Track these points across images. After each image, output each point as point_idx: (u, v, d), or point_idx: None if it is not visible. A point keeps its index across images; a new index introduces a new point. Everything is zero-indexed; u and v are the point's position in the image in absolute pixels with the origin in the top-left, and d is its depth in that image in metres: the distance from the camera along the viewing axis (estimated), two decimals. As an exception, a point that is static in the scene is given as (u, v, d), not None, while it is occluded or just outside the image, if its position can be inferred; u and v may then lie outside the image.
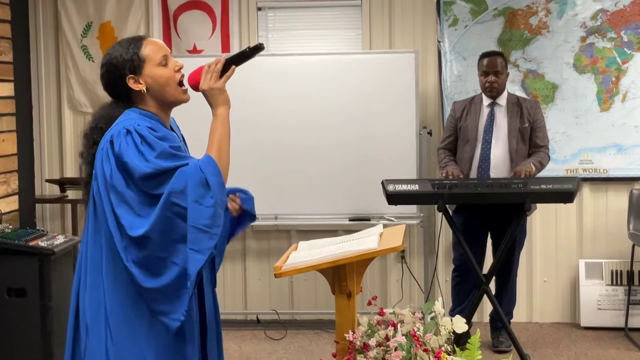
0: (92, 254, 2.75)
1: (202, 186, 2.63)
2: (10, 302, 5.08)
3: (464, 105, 5.55)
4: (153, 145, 2.66)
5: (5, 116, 6.22)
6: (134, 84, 2.79)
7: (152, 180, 2.64)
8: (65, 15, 6.54)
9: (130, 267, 2.64)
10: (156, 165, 2.63)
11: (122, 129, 2.68)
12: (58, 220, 6.71)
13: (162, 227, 2.62)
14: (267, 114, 5.98)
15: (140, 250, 2.64)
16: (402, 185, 4.95)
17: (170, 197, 2.61)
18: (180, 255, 2.64)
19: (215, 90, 2.79)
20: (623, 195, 6.09)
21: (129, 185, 2.66)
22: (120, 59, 2.79)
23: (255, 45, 2.85)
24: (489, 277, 5.15)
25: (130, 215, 2.64)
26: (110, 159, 2.67)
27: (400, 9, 6.31)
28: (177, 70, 2.85)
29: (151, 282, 2.64)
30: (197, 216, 2.61)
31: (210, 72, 2.80)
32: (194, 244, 2.61)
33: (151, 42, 2.84)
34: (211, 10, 6.44)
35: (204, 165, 2.66)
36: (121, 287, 2.69)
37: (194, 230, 2.60)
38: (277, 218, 6.13)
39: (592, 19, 6.04)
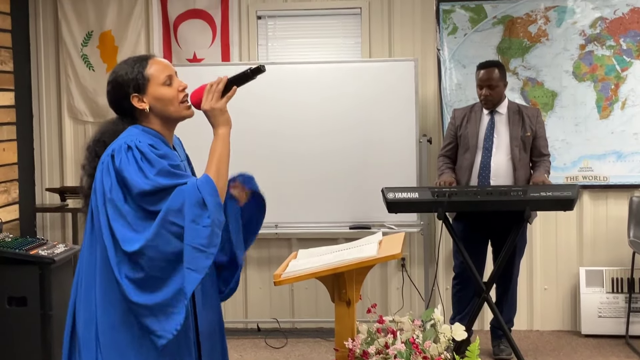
0: (87, 270, 2.76)
1: (199, 206, 2.64)
2: (11, 311, 5.09)
3: (464, 113, 5.56)
4: (153, 162, 2.68)
5: (6, 125, 6.24)
6: (138, 102, 2.82)
7: (150, 197, 2.65)
8: (65, 25, 6.56)
9: (123, 282, 2.64)
10: (155, 182, 2.65)
11: (123, 144, 2.71)
12: (58, 229, 6.71)
13: (157, 244, 2.63)
14: (268, 122, 5.99)
15: (134, 266, 2.64)
16: (402, 193, 4.95)
17: (167, 215, 2.63)
18: (174, 274, 2.65)
19: (216, 110, 2.80)
20: (623, 202, 6.09)
21: (127, 200, 2.67)
22: (125, 78, 2.84)
23: (256, 67, 2.87)
24: (489, 285, 5.15)
25: (126, 229, 2.66)
26: (111, 173, 2.69)
27: (400, 17, 6.33)
28: (181, 90, 2.87)
29: (142, 297, 2.64)
30: (194, 236, 2.62)
31: (212, 92, 2.81)
32: (191, 263, 2.62)
33: (156, 62, 2.87)
34: (211, 19, 6.46)
35: (201, 185, 2.67)
36: (112, 306, 2.70)
37: (191, 249, 2.62)
38: (277, 226, 6.13)
39: (591, 27, 6.05)
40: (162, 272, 2.64)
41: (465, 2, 6.16)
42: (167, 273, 2.65)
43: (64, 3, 6.54)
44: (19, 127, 6.44)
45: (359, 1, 6.36)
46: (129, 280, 2.65)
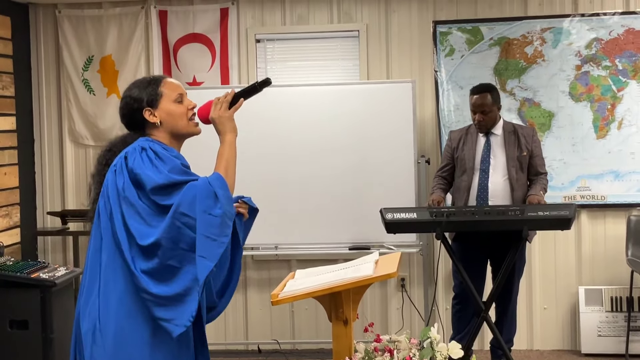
0: (90, 275, 2.82)
1: (211, 198, 2.76)
2: (13, 334, 5.11)
3: (460, 135, 5.59)
4: (166, 160, 2.83)
5: (7, 149, 6.28)
6: (150, 116, 2.97)
7: (163, 191, 2.77)
8: (66, 50, 6.62)
9: (140, 276, 2.73)
10: (168, 177, 2.77)
11: (137, 147, 2.86)
12: (60, 253, 6.74)
13: (171, 235, 2.73)
14: (267, 144, 6.02)
15: (150, 258, 2.74)
16: (400, 213, 4.97)
17: (179, 207, 2.74)
18: (188, 263, 2.74)
19: (224, 118, 2.98)
20: (621, 221, 6.12)
21: (140, 197, 2.79)
22: (140, 93, 3.00)
23: (263, 80, 3.04)
24: (488, 304, 5.15)
25: (141, 225, 2.76)
26: (124, 173, 2.81)
27: (397, 39, 6.39)
28: (190, 108, 3.04)
29: (160, 288, 2.73)
30: (206, 225, 2.73)
31: (220, 103, 3.00)
32: (203, 251, 2.72)
33: (170, 82, 3.05)
34: (210, 43, 6.51)
35: (212, 180, 2.81)
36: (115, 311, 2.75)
37: (203, 238, 2.72)
38: (277, 248, 6.16)
39: (587, 48, 6.10)
40: (176, 261, 2.74)
41: (461, 24, 6.22)
42: (181, 262, 2.74)
43: (64, 28, 6.61)
44: (21, 151, 6.49)
45: (356, 24, 6.42)
46: (145, 273, 2.74)
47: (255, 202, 6.05)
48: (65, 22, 6.61)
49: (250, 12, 6.51)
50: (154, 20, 6.54)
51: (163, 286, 2.73)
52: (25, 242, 6.50)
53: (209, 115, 2.99)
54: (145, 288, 2.72)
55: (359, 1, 6.41)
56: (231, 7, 6.49)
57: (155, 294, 2.72)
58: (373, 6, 6.40)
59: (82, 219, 6.38)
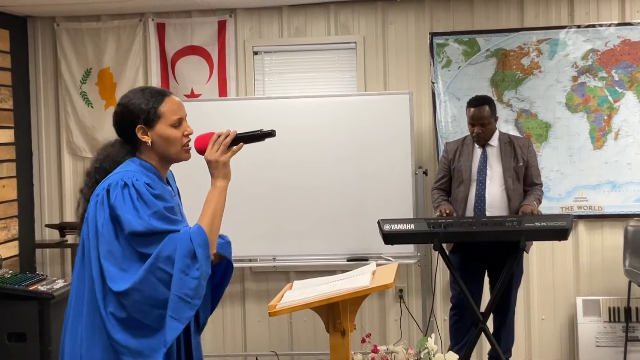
0: (75, 301, 2.78)
1: (190, 257, 2.66)
2: (11, 346, 5.11)
3: (456, 147, 5.60)
4: (148, 203, 2.70)
5: (6, 162, 6.29)
6: (142, 135, 2.84)
7: (142, 238, 2.67)
8: (64, 62, 6.64)
9: (107, 317, 2.66)
10: (148, 224, 2.67)
11: (120, 180, 2.73)
12: (58, 265, 6.74)
13: (144, 288, 2.65)
14: (265, 156, 6.02)
15: (119, 305, 2.66)
16: (398, 224, 4.98)
17: (157, 261, 2.65)
18: (156, 320, 2.67)
19: (219, 163, 2.85)
20: (618, 232, 6.13)
21: (118, 237, 2.69)
22: (138, 107, 2.85)
23: (268, 131, 2.96)
24: (486, 315, 5.17)
25: (115, 268, 2.67)
26: (105, 208, 2.71)
27: (394, 51, 6.41)
28: (186, 135, 2.89)
29: (123, 337, 2.66)
30: (182, 286, 2.64)
31: (218, 144, 2.86)
32: (175, 312, 2.64)
33: (172, 102, 2.90)
34: (208, 56, 6.53)
35: (194, 236, 2.70)
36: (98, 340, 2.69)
37: (177, 298, 2.64)
38: (275, 259, 6.17)
39: (583, 59, 6.12)
40: (145, 317, 2.66)
41: (458, 35, 6.25)
42: (150, 319, 2.66)
43: (62, 41, 6.63)
44: (19, 164, 6.49)
45: (354, 36, 6.44)
46: (113, 317, 2.66)
47: (252, 214, 6.08)
48: (63, 35, 6.63)
49: (247, 25, 6.54)
50: (152, 33, 6.56)
51: (128, 336, 2.66)
52: (23, 254, 6.50)
53: (206, 148, 2.87)
54: (109, 332, 2.66)
55: (356, 13, 6.44)
56: (229, 20, 6.51)
57: (117, 341, 2.66)
58: (370, 18, 6.43)
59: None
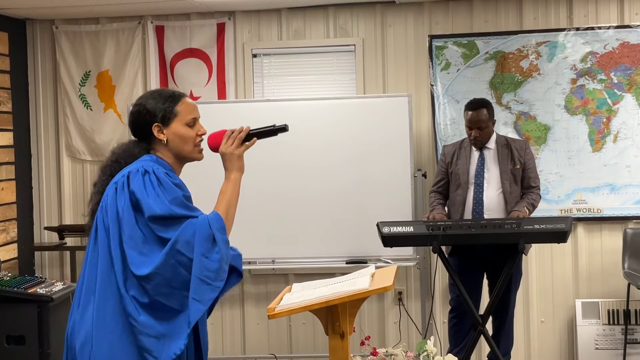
0: (87, 289, 2.79)
1: (209, 241, 2.72)
2: (10, 350, 5.10)
3: (453, 150, 5.60)
4: (168, 189, 2.76)
5: (5, 165, 6.29)
6: (158, 132, 2.91)
7: (162, 222, 2.72)
8: (63, 65, 6.64)
9: (128, 301, 2.69)
10: (169, 208, 2.72)
11: (140, 168, 2.80)
12: (57, 267, 6.74)
13: (164, 272, 2.68)
14: (264, 159, 6.01)
15: (141, 289, 2.69)
16: (397, 227, 4.98)
17: (176, 245, 2.69)
18: (178, 302, 2.70)
19: (234, 155, 2.95)
20: (617, 234, 6.13)
21: (137, 221, 2.74)
22: (155, 106, 2.92)
23: (282, 125, 3.06)
24: (485, 317, 5.16)
25: (135, 252, 2.71)
26: (125, 193, 2.76)
27: (393, 53, 6.41)
28: (200, 134, 2.97)
29: (147, 319, 2.69)
30: (203, 269, 2.69)
31: (233, 138, 2.96)
32: (197, 293, 2.68)
33: (187, 102, 2.97)
34: (207, 58, 6.54)
35: (212, 221, 2.76)
36: (109, 326, 2.71)
37: (198, 281, 2.68)
38: (274, 262, 6.16)
39: (582, 62, 6.13)
40: (168, 299, 2.70)
41: (457, 38, 6.25)
42: (173, 301, 2.70)
43: (61, 44, 6.63)
44: (18, 166, 6.50)
45: (352, 38, 6.45)
46: (135, 300, 2.70)
47: (251, 217, 6.07)
48: (62, 38, 6.63)
49: (246, 27, 6.54)
50: (151, 36, 6.57)
51: (152, 319, 2.69)
52: (22, 257, 6.50)
53: (219, 144, 2.95)
54: (132, 314, 2.68)
55: (354, 16, 6.44)
56: (228, 22, 6.52)
57: (141, 322, 2.68)
58: (369, 21, 6.43)
59: (80, 234, 6.38)
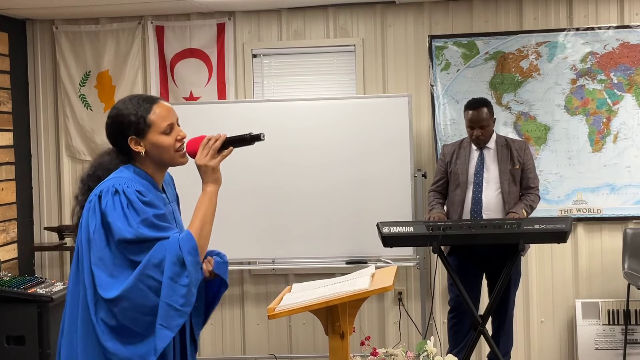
0: (70, 309, 2.78)
1: (179, 264, 2.67)
2: (10, 350, 5.10)
3: (453, 149, 5.60)
4: (138, 211, 2.70)
5: (5, 165, 6.29)
6: (135, 145, 2.84)
7: (132, 245, 2.68)
8: (63, 65, 6.64)
9: (97, 324, 2.67)
10: (138, 232, 2.67)
11: (111, 187, 2.73)
12: (57, 268, 6.73)
13: (133, 296, 2.65)
14: (263, 159, 6.02)
15: (110, 312, 2.66)
16: (397, 227, 4.97)
17: (146, 269, 2.66)
18: (146, 329, 2.67)
19: (209, 168, 2.84)
20: (617, 234, 6.13)
21: (109, 244, 2.70)
22: (127, 119, 2.84)
23: (256, 134, 2.92)
24: (485, 318, 5.16)
25: (104, 274, 2.68)
26: (97, 215, 2.72)
27: (393, 53, 6.41)
28: (179, 139, 2.88)
29: (113, 345, 2.66)
30: (171, 293, 2.65)
31: (208, 148, 2.84)
32: (164, 320, 2.65)
33: (160, 108, 2.87)
34: (207, 58, 6.54)
35: (183, 243, 2.70)
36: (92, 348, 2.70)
37: (166, 306, 2.65)
38: (274, 262, 6.17)
39: (582, 62, 6.13)
40: (135, 325, 2.67)
41: (457, 38, 6.25)
42: (139, 326, 2.67)
43: (61, 44, 6.63)
44: (18, 166, 6.50)
45: (352, 39, 6.44)
46: (104, 324, 2.67)
47: (251, 217, 6.06)
48: (62, 38, 6.64)
49: (246, 28, 6.54)
50: (151, 36, 6.57)
51: (118, 344, 2.66)
52: (22, 257, 6.50)
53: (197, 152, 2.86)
54: (100, 339, 2.67)
55: (354, 16, 6.44)
56: (228, 23, 6.52)
57: (107, 349, 2.66)
58: (369, 21, 6.43)
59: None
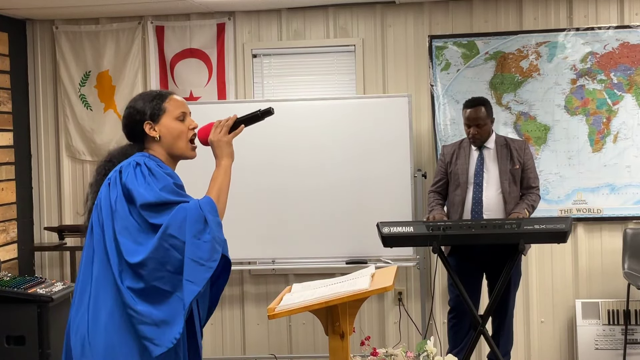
0: (82, 287, 2.83)
1: (201, 222, 2.76)
2: (10, 350, 5.10)
3: (453, 150, 5.60)
4: (159, 178, 2.82)
5: (5, 165, 6.29)
6: (150, 130, 2.98)
7: (153, 208, 2.76)
8: (63, 65, 6.64)
9: (125, 291, 2.73)
10: (159, 195, 2.77)
11: (132, 161, 2.86)
12: (57, 268, 6.74)
13: (158, 256, 2.72)
14: (264, 159, 6.03)
15: (137, 277, 2.73)
16: (397, 227, 4.97)
17: (168, 229, 2.73)
18: (175, 286, 2.74)
19: (222, 142, 2.99)
20: (617, 234, 6.13)
21: (131, 212, 2.78)
22: (143, 105, 3.00)
23: (266, 109, 3.04)
24: (485, 318, 5.15)
25: (129, 241, 2.76)
26: (117, 186, 2.82)
27: (393, 54, 6.41)
28: (191, 128, 3.03)
29: (145, 307, 2.72)
30: (195, 250, 2.72)
31: (221, 126, 3.01)
32: (190, 275, 2.71)
33: (175, 99, 3.05)
34: (207, 58, 6.54)
35: (203, 204, 2.80)
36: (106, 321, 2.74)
37: (191, 262, 2.72)
38: (274, 262, 6.16)
39: (582, 62, 6.13)
40: (162, 283, 2.73)
41: (457, 38, 6.25)
42: (167, 285, 2.74)
43: (61, 44, 6.63)
44: (18, 166, 6.50)
45: (352, 39, 6.45)
46: (131, 290, 2.73)
47: (251, 217, 6.07)
48: (62, 38, 6.64)
49: (246, 28, 6.54)
50: (151, 36, 6.57)
51: (148, 306, 2.73)
52: (22, 257, 6.50)
53: (208, 137, 3.00)
54: (130, 304, 2.72)
55: (354, 16, 6.44)
56: (228, 23, 6.52)
57: (140, 312, 2.72)
58: (369, 21, 6.43)
59: (79, 234, 6.38)
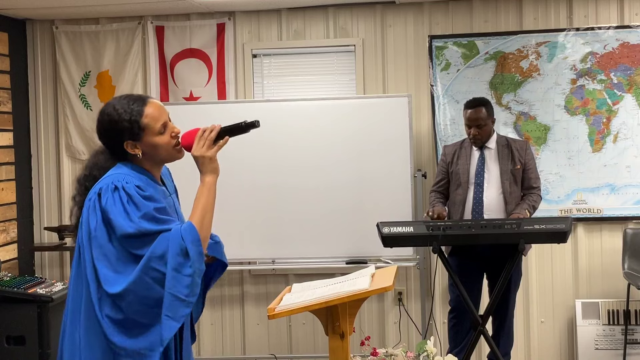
0: (72, 307, 2.78)
1: (182, 255, 2.67)
2: (10, 350, 5.11)
3: (454, 150, 5.60)
4: (139, 205, 2.70)
5: (5, 165, 6.29)
6: (132, 149, 2.83)
7: (134, 240, 2.68)
8: (63, 65, 6.64)
9: (103, 320, 2.68)
10: (139, 226, 2.68)
11: (110, 184, 2.73)
12: (57, 268, 6.73)
13: (138, 289, 2.66)
14: (264, 159, 6.03)
15: (115, 307, 2.67)
16: (397, 227, 4.96)
17: (150, 261, 2.66)
18: (152, 320, 2.68)
19: (205, 158, 2.82)
20: (617, 234, 6.13)
21: (111, 239, 2.70)
22: (120, 126, 2.80)
23: (251, 122, 2.87)
24: (485, 318, 5.15)
25: (108, 270, 2.69)
26: (97, 212, 2.72)
27: (393, 54, 6.41)
28: (174, 135, 2.87)
29: (121, 339, 2.68)
30: (175, 284, 2.65)
31: (204, 139, 2.82)
32: (170, 310, 2.65)
33: (152, 108, 2.84)
34: (207, 58, 6.53)
35: (185, 233, 2.70)
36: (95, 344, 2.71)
37: (171, 297, 2.65)
38: (274, 262, 6.17)
39: (582, 62, 6.13)
40: (141, 317, 2.68)
41: (457, 38, 6.25)
42: (146, 318, 2.68)
43: (61, 44, 6.63)
44: (18, 166, 6.50)
45: (352, 39, 6.45)
46: (109, 319, 2.68)
47: (251, 217, 6.07)
48: (62, 38, 6.64)
49: (246, 28, 6.54)
50: (151, 36, 6.57)
51: (125, 338, 2.68)
52: (22, 257, 6.50)
53: (192, 144, 2.84)
54: (107, 335, 2.68)
55: (354, 16, 6.44)
56: (227, 23, 6.52)
57: (115, 344, 2.67)
58: (369, 21, 6.43)
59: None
